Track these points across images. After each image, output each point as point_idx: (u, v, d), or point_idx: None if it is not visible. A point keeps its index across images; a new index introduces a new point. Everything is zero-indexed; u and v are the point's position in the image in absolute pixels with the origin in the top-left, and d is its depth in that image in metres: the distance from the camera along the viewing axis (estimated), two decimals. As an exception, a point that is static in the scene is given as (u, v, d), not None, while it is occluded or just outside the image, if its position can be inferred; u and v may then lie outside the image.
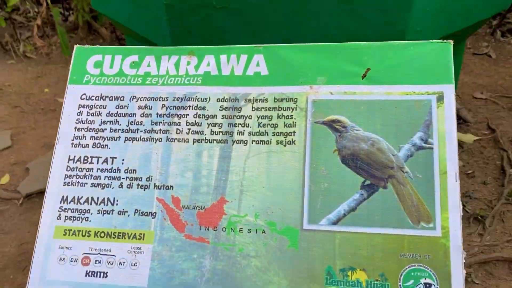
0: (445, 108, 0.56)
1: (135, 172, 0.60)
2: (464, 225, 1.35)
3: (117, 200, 0.59)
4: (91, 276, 0.57)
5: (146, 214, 0.58)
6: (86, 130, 0.63)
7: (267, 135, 0.59)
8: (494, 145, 1.62)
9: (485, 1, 0.96)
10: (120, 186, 0.60)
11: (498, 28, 2.27)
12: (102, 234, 0.58)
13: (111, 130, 0.62)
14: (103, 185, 0.60)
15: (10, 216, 1.43)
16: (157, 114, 0.62)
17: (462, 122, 1.73)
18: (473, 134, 1.68)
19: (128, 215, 0.58)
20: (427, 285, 0.51)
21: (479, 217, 1.36)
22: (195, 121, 0.61)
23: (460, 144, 1.62)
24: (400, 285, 0.52)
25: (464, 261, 0.51)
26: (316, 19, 0.78)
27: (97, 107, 0.63)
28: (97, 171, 0.61)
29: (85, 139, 0.62)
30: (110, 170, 0.60)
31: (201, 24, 0.82)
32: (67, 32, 2.44)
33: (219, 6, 0.78)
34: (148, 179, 0.59)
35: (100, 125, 0.63)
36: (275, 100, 0.60)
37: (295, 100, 0.60)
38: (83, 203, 0.59)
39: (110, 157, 0.61)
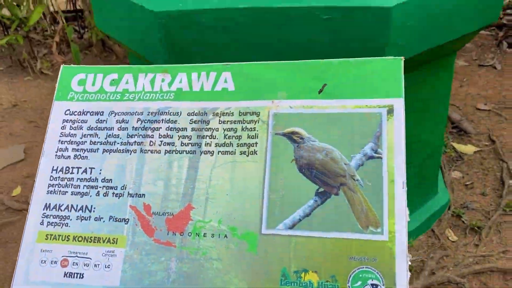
0: (395, 120, 0.59)
1: (111, 182, 0.64)
2: (460, 236, 1.36)
3: (94, 207, 0.64)
4: (69, 277, 0.61)
5: (119, 220, 0.62)
6: (68, 143, 0.67)
7: (232, 146, 0.63)
8: (495, 156, 1.62)
9: (470, 14, 0.97)
10: (97, 194, 0.64)
11: (505, 39, 2.27)
12: (80, 239, 0.63)
13: (91, 143, 0.67)
14: (82, 194, 0.65)
15: (21, 226, 1.50)
16: (133, 127, 0.66)
17: (463, 134, 1.73)
18: (474, 145, 1.68)
19: (104, 221, 0.63)
20: (374, 286, 0.54)
21: (476, 228, 1.37)
22: (167, 133, 0.65)
23: (460, 155, 1.63)
24: (348, 286, 0.55)
25: (409, 263, 0.53)
26: (301, 36, 0.82)
27: (79, 121, 0.68)
28: (77, 181, 0.65)
29: (68, 151, 0.67)
30: (88, 180, 0.65)
31: (193, 41, 0.86)
32: (82, 49, 2.52)
33: (209, 24, 0.82)
34: (122, 188, 0.64)
35: (81, 138, 0.67)
36: (240, 114, 0.64)
37: (258, 113, 0.64)
38: (64, 210, 0.64)
39: (89, 168, 0.66)
